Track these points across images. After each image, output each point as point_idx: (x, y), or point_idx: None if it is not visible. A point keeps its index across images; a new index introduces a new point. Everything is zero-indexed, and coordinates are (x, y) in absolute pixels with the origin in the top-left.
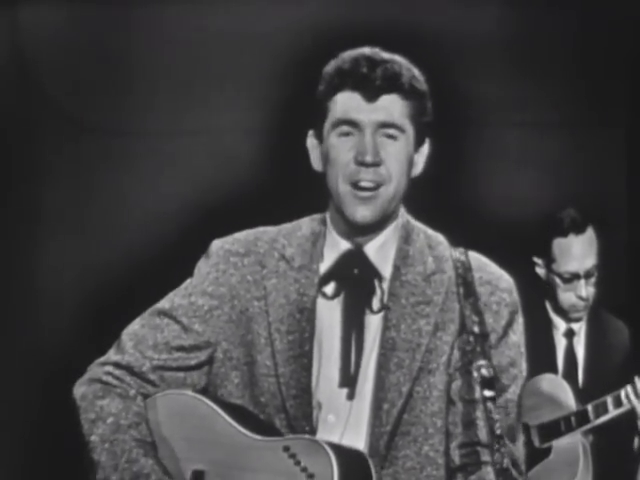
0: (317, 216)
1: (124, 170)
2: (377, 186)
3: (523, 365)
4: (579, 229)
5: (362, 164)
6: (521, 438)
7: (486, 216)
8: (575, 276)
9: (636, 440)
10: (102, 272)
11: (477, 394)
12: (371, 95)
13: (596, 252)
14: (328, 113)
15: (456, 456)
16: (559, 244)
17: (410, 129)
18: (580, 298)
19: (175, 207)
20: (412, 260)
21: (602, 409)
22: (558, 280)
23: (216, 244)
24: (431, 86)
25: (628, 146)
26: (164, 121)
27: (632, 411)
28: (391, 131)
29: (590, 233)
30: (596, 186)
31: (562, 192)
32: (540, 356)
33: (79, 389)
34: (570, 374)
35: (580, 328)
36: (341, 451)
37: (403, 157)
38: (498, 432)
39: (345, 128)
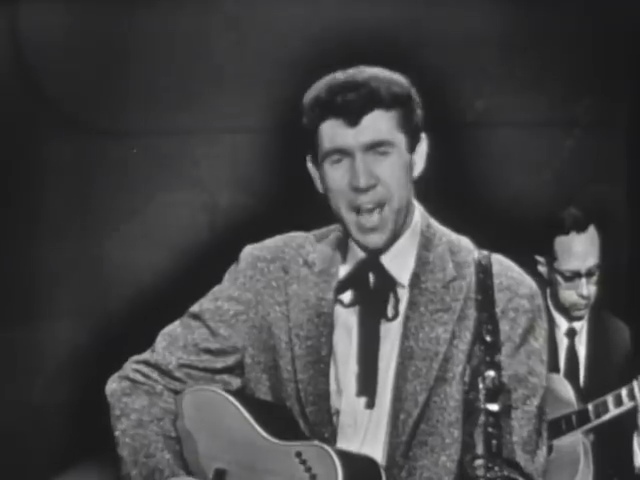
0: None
1: (124, 170)
2: (379, 206)
3: (544, 373)
4: (581, 228)
5: (357, 190)
6: (543, 449)
7: (487, 215)
8: (576, 274)
9: (635, 437)
10: (102, 272)
11: (481, 405)
12: (353, 119)
13: (598, 251)
14: (317, 142)
15: (469, 467)
16: (561, 242)
17: (401, 138)
18: (581, 296)
19: (175, 207)
20: (432, 266)
21: (602, 408)
22: (560, 278)
23: (246, 250)
24: (430, 88)
25: (628, 146)
26: (164, 121)
27: (633, 409)
28: (381, 149)
29: (592, 232)
30: (596, 186)
31: (562, 192)
32: None
33: (111, 385)
34: (572, 373)
35: (582, 327)
36: (351, 459)
37: (399, 170)
38: (494, 450)
39: (335, 156)
